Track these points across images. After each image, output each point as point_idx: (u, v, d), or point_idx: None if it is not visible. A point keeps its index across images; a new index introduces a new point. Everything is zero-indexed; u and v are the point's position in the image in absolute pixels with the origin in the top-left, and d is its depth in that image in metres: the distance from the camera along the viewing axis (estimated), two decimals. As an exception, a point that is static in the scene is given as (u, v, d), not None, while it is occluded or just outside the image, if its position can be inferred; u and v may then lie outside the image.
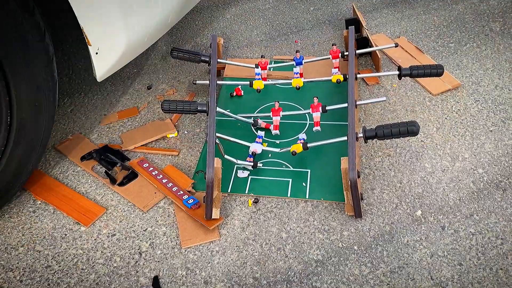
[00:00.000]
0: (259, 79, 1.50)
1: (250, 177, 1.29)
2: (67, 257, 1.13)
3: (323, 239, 1.12)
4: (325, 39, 1.87)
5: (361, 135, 1.18)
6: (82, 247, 1.15)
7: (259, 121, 1.43)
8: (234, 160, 1.27)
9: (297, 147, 1.24)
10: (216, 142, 1.20)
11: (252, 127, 1.45)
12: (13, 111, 1.09)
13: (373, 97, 1.53)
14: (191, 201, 1.20)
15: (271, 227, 1.17)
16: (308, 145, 1.24)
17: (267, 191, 1.25)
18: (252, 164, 1.29)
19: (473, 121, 1.42)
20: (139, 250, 1.14)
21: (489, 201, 1.18)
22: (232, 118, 1.43)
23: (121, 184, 1.29)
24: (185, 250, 1.12)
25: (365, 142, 1.21)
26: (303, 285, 1.03)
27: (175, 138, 1.45)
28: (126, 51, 1.24)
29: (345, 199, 1.15)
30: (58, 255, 1.14)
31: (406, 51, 1.73)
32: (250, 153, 1.29)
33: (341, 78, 1.41)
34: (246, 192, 1.25)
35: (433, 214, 1.16)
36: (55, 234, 1.19)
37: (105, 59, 1.20)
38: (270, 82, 1.52)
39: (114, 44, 1.20)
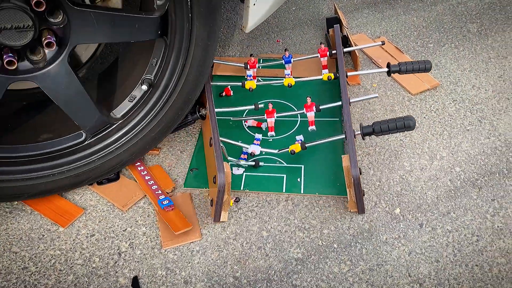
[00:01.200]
0: (250, 79, 1.50)
1: (244, 173, 1.29)
2: (44, 258, 1.11)
3: (303, 238, 1.13)
4: (307, 39, 1.88)
5: (358, 132, 1.19)
6: (60, 248, 1.13)
7: (250, 121, 1.43)
8: (236, 160, 1.30)
9: (296, 147, 1.25)
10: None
11: (244, 125, 1.45)
12: (190, 48, 1.12)
13: (365, 94, 1.53)
14: (165, 202, 1.19)
15: (252, 226, 1.17)
16: (306, 144, 1.24)
17: (262, 187, 1.25)
18: (254, 163, 1.30)
19: (450, 120, 1.45)
20: (118, 251, 1.12)
21: (465, 199, 1.20)
22: (223, 118, 1.45)
23: (100, 183, 1.27)
24: (165, 250, 1.12)
25: (363, 138, 1.23)
26: (283, 283, 1.04)
27: (155, 137, 1.44)
28: (274, 3, 1.31)
29: (348, 196, 1.16)
30: (35, 256, 1.12)
31: (386, 51, 1.75)
32: (249, 154, 1.32)
33: (332, 75, 1.44)
34: (241, 188, 1.25)
35: (411, 212, 1.18)
36: (32, 235, 1.17)
37: (258, 10, 1.28)
38: (262, 82, 1.52)
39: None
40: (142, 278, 1.06)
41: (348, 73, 1.41)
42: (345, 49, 1.53)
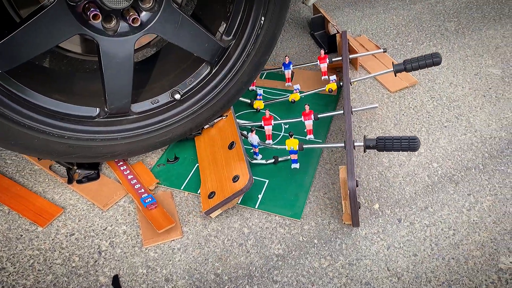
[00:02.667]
0: (260, 99, 1.51)
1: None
2: (22, 259, 1.10)
3: (284, 234, 1.14)
4: (288, 37, 1.89)
5: (360, 143, 1.15)
6: (39, 248, 1.12)
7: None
8: (257, 159, 1.31)
9: (293, 143, 1.22)
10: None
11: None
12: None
13: (366, 104, 1.52)
14: (148, 200, 1.18)
15: (233, 223, 1.17)
16: (304, 146, 1.23)
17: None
18: (273, 160, 1.30)
19: (428, 117, 1.47)
20: (98, 249, 1.12)
21: (442, 194, 1.23)
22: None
23: (80, 182, 1.26)
24: (146, 249, 1.11)
25: (364, 151, 1.17)
26: (264, 279, 1.05)
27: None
28: None
29: (343, 208, 1.15)
30: (13, 257, 1.10)
31: (367, 49, 1.77)
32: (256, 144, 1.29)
33: (334, 86, 1.44)
34: (198, 192, 1.24)
35: (390, 207, 1.20)
36: (10, 235, 1.15)
37: None
38: (269, 102, 1.51)
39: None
40: (122, 277, 1.06)
41: (353, 79, 1.42)
42: (351, 56, 1.54)
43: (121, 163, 1.31)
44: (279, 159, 1.31)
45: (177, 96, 1.25)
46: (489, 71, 1.65)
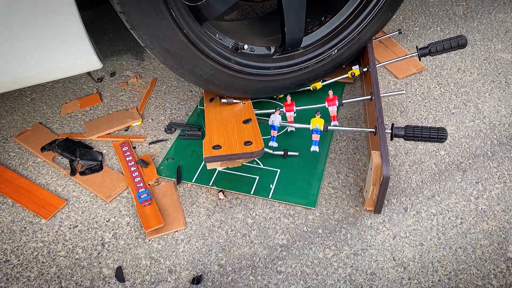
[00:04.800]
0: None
1: (217, 170, 1.26)
2: (26, 251, 1.10)
3: (288, 224, 1.13)
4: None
5: (388, 131, 1.13)
6: (43, 240, 1.12)
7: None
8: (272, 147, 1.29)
9: (318, 121, 1.19)
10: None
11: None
12: None
13: (392, 90, 1.49)
14: (144, 195, 1.17)
15: (237, 213, 1.16)
16: (329, 127, 1.20)
17: (231, 185, 1.22)
18: (282, 153, 1.28)
19: (436, 104, 1.44)
20: (102, 241, 1.11)
21: (450, 182, 1.20)
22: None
23: (83, 173, 1.26)
24: (149, 240, 1.11)
25: (391, 139, 1.15)
26: (267, 270, 1.04)
27: (139, 127, 1.42)
28: None
29: (368, 194, 1.11)
30: (17, 249, 1.10)
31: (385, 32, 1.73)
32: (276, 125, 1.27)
33: (357, 72, 1.40)
34: (210, 184, 1.23)
35: (396, 196, 1.18)
36: (14, 228, 1.15)
37: None
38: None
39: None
40: (126, 268, 1.05)
41: (378, 65, 1.38)
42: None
43: (128, 153, 1.30)
44: (288, 153, 1.28)
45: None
46: (498, 56, 1.61)
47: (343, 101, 1.29)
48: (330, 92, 1.29)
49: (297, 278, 1.02)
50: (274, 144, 1.27)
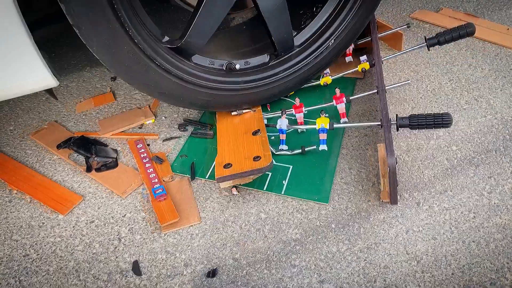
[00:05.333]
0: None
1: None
2: (45, 245, 1.12)
3: (302, 219, 1.14)
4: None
5: (393, 122, 1.15)
6: (61, 235, 1.14)
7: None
8: (283, 149, 1.30)
9: (324, 121, 1.20)
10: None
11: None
12: None
13: (398, 82, 1.50)
14: (159, 191, 1.19)
15: (250, 208, 1.17)
16: (335, 125, 1.21)
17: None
18: (301, 151, 1.29)
19: (447, 100, 1.44)
20: (118, 236, 1.13)
21: (462, 177, 1.21)
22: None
23: (98, 170, 1.28)
24: (165, 234, 1.13)
25: (397, 130, 1.18)
26: (282, 263, 1.05)
27: (152, 124, 1.44)
28: None
29: (381, 186, 1.14)
30: (36, 244, 1.13)
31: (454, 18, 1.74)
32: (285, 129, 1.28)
33: (367, 66, 1.41)
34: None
35: (408, 191, 1.18)
36: (33, 223, 1.17)
37: None
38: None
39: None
40: (142, 262, 1.07)
41: (384, 58, 1.38)
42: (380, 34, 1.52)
43: (142, 150, 1.32)
44: (306, 148, 1.29)
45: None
46: (510, 52, 1.60)
47: (351, 98, 1.30)
48: (337, 90, 1.30)
49: (311, 271, 1.03)
50: (284, 147, 1.29)
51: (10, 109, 1.54)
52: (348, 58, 1.54)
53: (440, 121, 1.11)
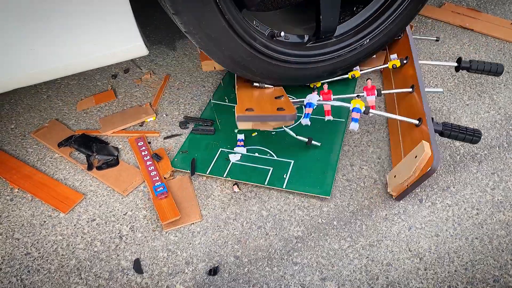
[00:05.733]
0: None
1: (231, 161, 1.27)
2: (46, 244, 1.12)
3: (303, 216, 1.13)
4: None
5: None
6: (62, 233, 1.14)
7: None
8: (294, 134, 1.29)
9: (359, 102, 1.18)
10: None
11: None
12: None
13: (432, 87, 1.50)
14: (160, 188, 1.18)
15: (252, 206, 1.17)
16: (372, 112, 1.18)
17: (245, 177, 1.22)
18: (307, 140, 1.28)
19: (450, 95, 1.43)
20: (119, 234, 1.13)
21: (465, 173, 1.20)
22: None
23: (99, 168, 1.28)
24: (166, 232, 1.12)
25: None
26: (283, 261, 1.04)
27: (153, 122, 1.44)
28: None
29: (401, 180, 1.09)
30: (37, 242, 1.13)
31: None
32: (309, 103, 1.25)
33: (398, 63, 1.40)
34: (224, 176, 1.24)
35: (411, 188, 1.18)
36: (34, 222, 1.17)
37: None
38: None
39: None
40: (144, 260, 1.07)
41: (420, 62, 1.37)
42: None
43: (143, 148, 1.32)
44: (312, 142, 1.28)
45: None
46: (513, 47, 1.59)
47: (382, 92, 1.29)
48: (369, 82, 1.29)
49: (313, 269, 1.03)
50: (307, 121, 1.22)
51: (11, 108, 1.54)
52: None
53: (471, 136, 1.12)
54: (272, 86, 1.36)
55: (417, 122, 1.16)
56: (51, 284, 1.04)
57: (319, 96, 1.28)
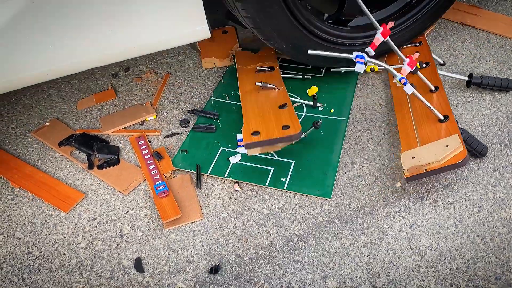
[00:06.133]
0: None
1: (232, 162, 1.27)
2: (47, 243, 1.12)
3: (304, 214, 1.13)
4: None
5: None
6: (63, 232, 1.14)
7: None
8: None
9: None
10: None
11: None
12: None
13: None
14: (160, 187, 1.18)
15: (253, 204, 1.17)
16: (413, 89, 1.18)
17: (246, 177, 1.22)
18: (312, 104, 1.35)
19: (451, 93, 1.43)
20: (120, 233, 1.13)
21: (466, 171, 1.19)
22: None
23: (100, 167, 1.28)
24: (167, 231, 1.12)
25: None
26: (284, 259, 1.04)
27: (154, 120, 1.44)
28: None
29: (422, 162, 1.09)
30: (38, 241, 1.13)
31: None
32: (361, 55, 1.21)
33: (418, 65, 1.38)
34: (225, 176, 1.23)
35: (412, 186, 1.17)
36: (35, 221, 1.17)
37: None
38: (347, 69, 1.49)
39: None
40: (145, 259, 1.07)
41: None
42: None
43: (144, 146, 1.32)
44: (318, 123, 1.27)
45: None
46: (514, 43, 1.58)
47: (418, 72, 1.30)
48: (416, 54, 1.24)
49: (314, 267, 1.02)
50: (361, 68, 1.20)
51: (12, 107, 1.54)
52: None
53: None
54: (274, 87, 1.35)
55: (442, 117, 1.19)
56: (53, 283, 1.04)
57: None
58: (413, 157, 1.12)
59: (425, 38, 1.56)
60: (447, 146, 1.08)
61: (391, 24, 1.24)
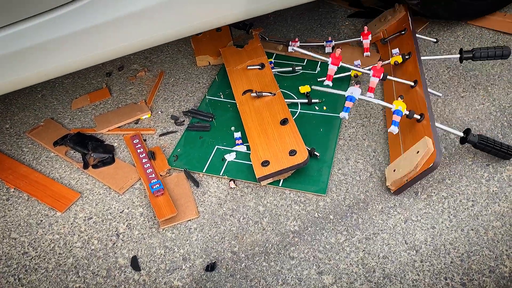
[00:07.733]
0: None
1: (227, 160, 1.27)
2: (43, 243, 1.12)
3: (299, 210, 1.14)
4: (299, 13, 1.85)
5: (459, 133, 1.16)
6: (59, 232, 1.14)
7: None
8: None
9: (401, 104, 1.14)
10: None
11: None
12: None
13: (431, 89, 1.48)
14: (156, 186, 1.18)
15: (248, 201, 1.17)
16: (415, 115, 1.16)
17: (242, 175, 1.22)
18: (306, 101, 1.38)
19: (444, 88, 1.43)
20: (116, 232, 1.13)
21: (460, 165, 1.20)
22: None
23: (95, 166, 1.28)
24: (163, 229, 1.12)
25: (461, 143, 1.17)
26: (280, 256, 1.05)
27: (148, 119, 1.44)
28: None
29: (401, 174, 1.09)
30: (34, 241, 1.13)
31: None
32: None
33: (400, 59, 1.38)
34: (221, 174, 1.24)
35: (406, 181, 1.18)
36: (31, 221, 1.17)
37: None
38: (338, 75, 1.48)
39: None
40: (141, 258, 1.07)
41: (422, 58, 1.37)
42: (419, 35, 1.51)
43: (139, 145, 1.32)
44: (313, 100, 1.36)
45: None
46: (507, 38, 1.59)
47: (388, 77, 1.30)
48: (379, 63, 1.29)
49: (309, 263, 1.03)
50: (345, 115, 1.13)
51: (6, 107, 1.54)
52: (366, 54, 1.55)
53: (504, 151, 1.15)
54: (270, 94, 1.35)
55: (418, 117, 1.15)
56: (49, 283, 1.04)
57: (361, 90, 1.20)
58: (394, 170, 1.13)
59: (409, 25, 1.50)
60: (418, 152, 1.07)
61: (338, 51, 1.30)
